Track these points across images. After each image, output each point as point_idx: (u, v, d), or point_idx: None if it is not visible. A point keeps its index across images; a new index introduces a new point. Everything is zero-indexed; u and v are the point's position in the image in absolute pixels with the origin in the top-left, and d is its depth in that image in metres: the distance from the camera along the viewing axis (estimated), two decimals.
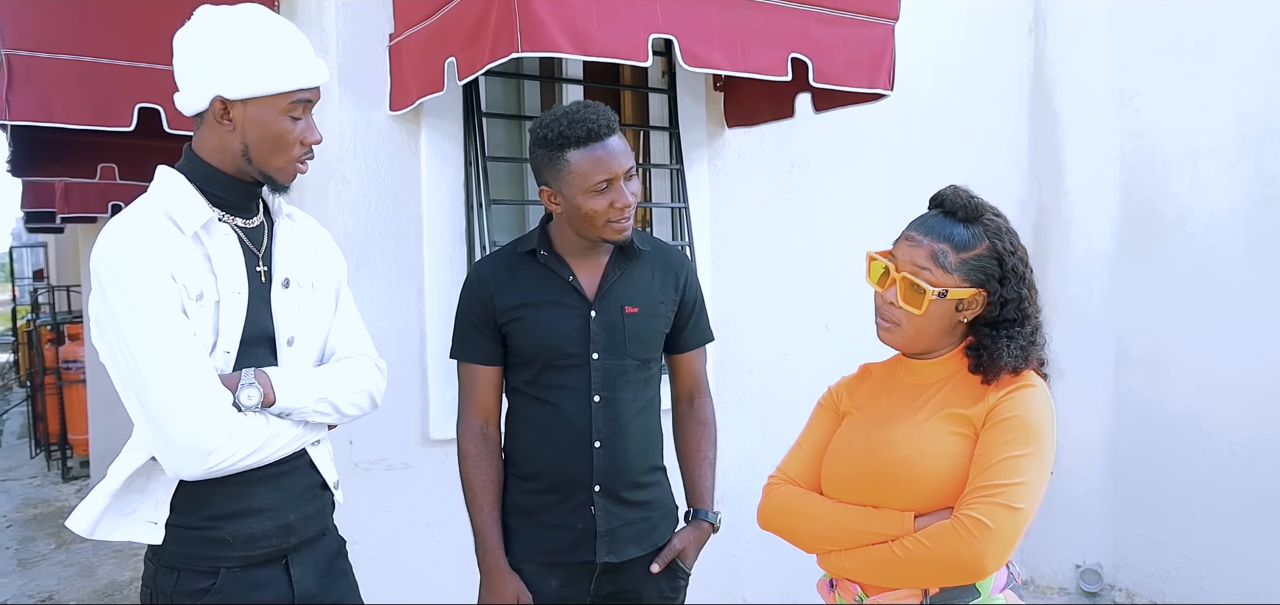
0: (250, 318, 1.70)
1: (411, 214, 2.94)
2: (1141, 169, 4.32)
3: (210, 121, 1.69)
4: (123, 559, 5.40)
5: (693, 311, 2.27)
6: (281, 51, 1.67)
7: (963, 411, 1.62)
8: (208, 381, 1.60)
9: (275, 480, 1.74)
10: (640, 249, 2.17)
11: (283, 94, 1.67)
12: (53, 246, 10.63)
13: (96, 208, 5.68)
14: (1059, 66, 4.43)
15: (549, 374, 2.11)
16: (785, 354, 3.75)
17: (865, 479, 1.67)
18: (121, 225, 1.63)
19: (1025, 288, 1.65)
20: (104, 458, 7.03)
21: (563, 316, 2.09)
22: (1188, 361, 4.17)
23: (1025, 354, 1.64)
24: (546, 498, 2.14)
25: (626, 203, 2.01)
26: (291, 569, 1.78)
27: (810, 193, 3.83)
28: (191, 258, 1.64)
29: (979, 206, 1.67)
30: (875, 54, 2.85)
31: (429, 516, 2.95)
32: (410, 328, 2.93)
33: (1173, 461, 4.24)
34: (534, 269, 2.13)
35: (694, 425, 2.32)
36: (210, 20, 1.67)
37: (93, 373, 7.10)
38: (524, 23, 2.19)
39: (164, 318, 1.57)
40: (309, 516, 1.82)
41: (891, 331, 1.71)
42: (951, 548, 1.53)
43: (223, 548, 1.68)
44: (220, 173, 1.71)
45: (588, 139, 1.99)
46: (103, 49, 2.94)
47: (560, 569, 2.14)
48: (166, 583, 1.70)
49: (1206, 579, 4.14)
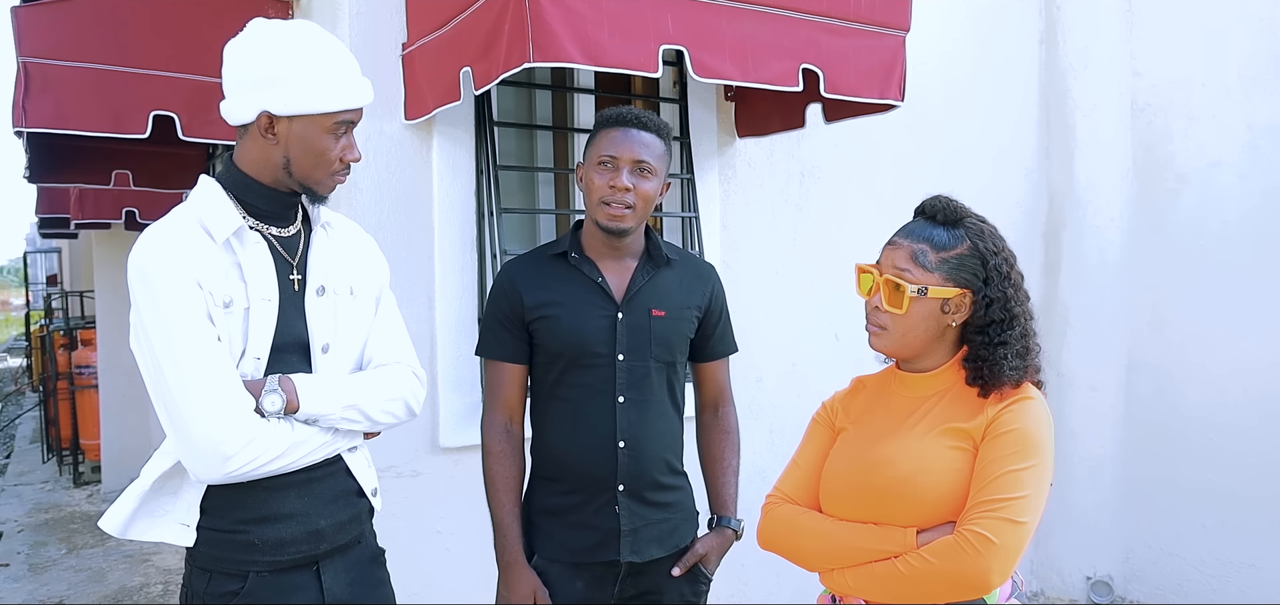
0: (282, 324, 1.71)
1: (423, 222, 2.95)
2: (1153, 180, 4.32)
3: (254, 133, 1.71)
4: (133, 564, 5.42)
5: (719, 322, 2.31)
6: (330, 72, 1.69)
7: (961, 425, 1.62)
8: (229, 386, 1.61)
9: (307, 486, 1.75)
10: (669, 257, 2.22)
11: (329, 114, 1.70)
12: (66, 252, 10.71)
13: (110, 214, 5.72)
14: (1070, 77, 4.43)
15: (574, 373, 2.13)
16: (795, 363, 3.75)
17: (865, 496, 1.66)
18: (153, 233, 1.65)
19: (1010, 287, 1.64)
20: (116, 463, 7.08)
21: (590, 315, 2.12)
22: (1199, 373, 4.15)
23: (1023, 363, 1.64)
24: (572, 498, 2.16)
25: (622, 186, 2.05)
26: (323, 575, 1.79)
27: (821, 202, 3.83)
28: (221, 265, 1.66)
29: (961, 211, 1.69)
30: (886, 64, 2.86)
31: (440, 523, 2.96)
32: (421, 336, 2.95)
33: (1184, 473, 4.22)
34: (564, 269, 2.17)
35: (718, 433, 2.35)
36: (263, 34, 1.69)
37: (105, 378, 7.14)
38: (536, 33, 2.20)
39: (187, 323, 1.59)
40: (341, 524, 1.82)
41: (880, 336, 1.71)
42: (956, 563, 1.53)
43: (252, 552, 1.70)
44: (257, 182, 1.74)
45: (616, 123, 2.09)
46: (118, 57, 2.97)
47: (585, 570, 2.16)
48: (199, 584, 1.72)
49: (1218, 591, 4.12)
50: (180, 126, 3.04)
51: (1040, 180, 4.54)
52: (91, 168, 4.23)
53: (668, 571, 2.21)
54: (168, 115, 3.01)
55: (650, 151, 2.08)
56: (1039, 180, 4.54)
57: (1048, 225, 4.53)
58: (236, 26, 1.73)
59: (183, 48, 3.04)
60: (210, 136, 3.14)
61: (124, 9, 3.02)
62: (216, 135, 3.15)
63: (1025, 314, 1.66)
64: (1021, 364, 1.63)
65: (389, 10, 2.87)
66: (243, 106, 1.69)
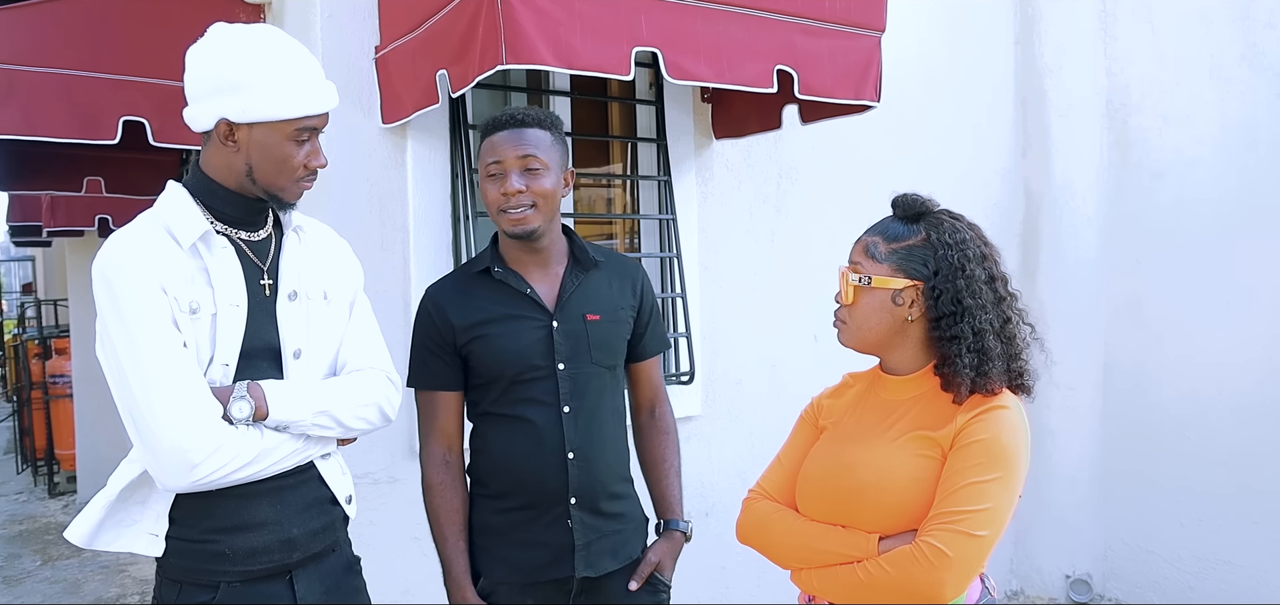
0: (251, 330, 1.69)
1: (398, 226, 2.93)
2: (1129, 179, 4.35)
3: (215, 141, 1.69)
4: (108, 576, 5.36)
5: (651, 318, 2.25)
6: (290, 78, 1.66)
7: (930, 434, 1.60)
8: (195, 393, 1.58)
9: (278, 494, 1.72)
10: (595, 259, 2.15)
11: (289, 121, 1.67)
12: (40, 261, 10.58)
13: (83, 221, 5.66)
14: (1046, 77, 4.45)
15: (517, 389, 2.06)
16: (774, 365, 3.75)
17: (834, 498, 1.66)
18: (118, 239, 1.63)
19: (962, 279, 1.60)
20: (91, 472, 7.00)
21: (524, 329, 2.05)
22: (1176, 372, 4.18)
23: (981, 361, 1.59)
24: (520, 515, 2.09)
25: (514, 190, 1.98)
26: (296, 585, 1.76)
27: (798, 204, 3.84)
28: (187, 271, 1.63)
29: (925, 206, 1.69)
30: (861, 65, 2.86)
31: (417, 529, 2.89)
32: (396, 341, 2.89)
33: (1161, 472, 4.25)
34: (489, 286, 2.09)
35: (657, 434, 2.29)
36: (221, 41, 1.67)
37: (80, 387, 7.06)
38: (509, 35, 2.19)
39: (152, 329, 1.57)
40: (314, 532, 1.79)
41: (840, 331, 1.73)
42: (910, 575, 1.52)
43: (223, 562, 1.67)
44: (223, 188, 1.71)
45: (495, 127, 2.03)
46: (86, 62, 2.93)
47: (535, 588, 2.09)
48: (169, 594, 1.70)
49: (1194, 588, 4.15)
50: (151, 132, 3.01)
51: (1017, 180, 4.57)
52: (63, 174, 4.20)
53: (623, 585, 2.14)
54: (138, 121, 2.98)
55: (536, 145, 2.00)
56: (1016, 180, 4.57)
57: (1024, 225, 4.55)
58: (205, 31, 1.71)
59: (152, 52, 3.00)
60: (182, 141, 3.11)
61: (92, 13, 2.99)
62: (188, 141, 3.11)
63: (981, 310, 1.60)
64: (978, 362, 1.58)
65: (361, 13, 2.85)
66: (203, 114, 1.67)
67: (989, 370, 1.59)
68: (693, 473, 2.26)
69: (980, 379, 1.59)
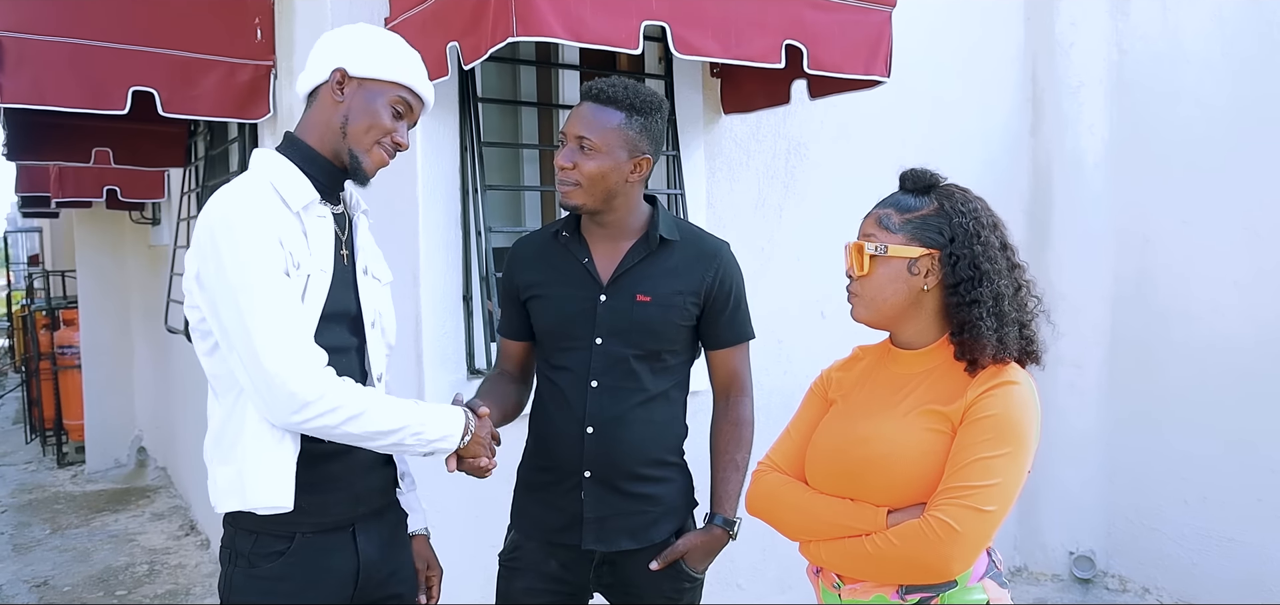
0: (333, 296, 1.79)
1: (407, 199, 2.93)
2: (1139, 157, 4.32)
3: (324, 95, 1.82)
4: (118, 544, 5.41)
5: (727, 306, 2.14)
6: (405, 55, 1.85)
7: (940, 408, 1.61)
8: (307, 338, 1.69)
9: (347, 454, 1.83)
10: (666, 238, 2.08)
11: (395, 83, 1.81)
12: (48, 231, 10.58)
13: (91, 193, 5.66)
14: (1058, 53, 4.43)
15: (556, 354, 2.11)
16: (781, 341, 3.75)
17: (843, 471, 1.67)
18: (233, 193, 1.71)
19: (979, 245, 1.61)
20: (99, 443, 7.05)
21: (572, 298, 2.08)
22: (1181, 350, 4.18)
23: (999, 325, 1.60)
24: (545, 476, 2.14)
25: (562, 165, 1.99)
26: (357, 538, 1.88)
27: (807, 179, 3.83)
28: (294, 231, 1.74)
29: (934, 179, 1.70)
30: (872, 40, 2.85)
31: (426, 507, 2.94)
32: (405, 314, 2.93)
33: (1165, 449, 4.25)
34: (558, 249, 2.12)
35: (725, 425, 2.20)
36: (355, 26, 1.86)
37: (88, 358, 7.09)
38: (520, 7, 2.19)
39: (271, 276, 1.66)
40: (375, 489, 1.93)
41: (855, 305, 1.72)
42: (917, 549, 1.53)
43: (299, 515, 1.76)
44: (318, 156, 1.82)
45: (582, 97, 2.05)
46: (96, 31, 2.92)
47: (557, 550, 2.12)
48: (245, 544, 1.79)
49: (1198, 565, 4.16)
50: (160, 103, 3.01)
51: (1026, 156, 4.55)
52: (71, 145, 4.19)
53: (645, 565, 2.11)
54: (147, 91, 2.97)
55: (593, 127, 1.96)
56: (1025, 156, 4.55)
57: (1032, 201, 4.54)
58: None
59: (162, 22, 2.99)
60: (191, 112, 3.11)
61: None
62: (197, 111, 3.11)
63: (999, 275, 1.62)
64: (999, 326, 1.60)
65: None
66: (320, 69, 1.81)
67: (1006, 336, 1.61)
68: (699, 448, 2.25)
69: (1000, 346, 1.60)
